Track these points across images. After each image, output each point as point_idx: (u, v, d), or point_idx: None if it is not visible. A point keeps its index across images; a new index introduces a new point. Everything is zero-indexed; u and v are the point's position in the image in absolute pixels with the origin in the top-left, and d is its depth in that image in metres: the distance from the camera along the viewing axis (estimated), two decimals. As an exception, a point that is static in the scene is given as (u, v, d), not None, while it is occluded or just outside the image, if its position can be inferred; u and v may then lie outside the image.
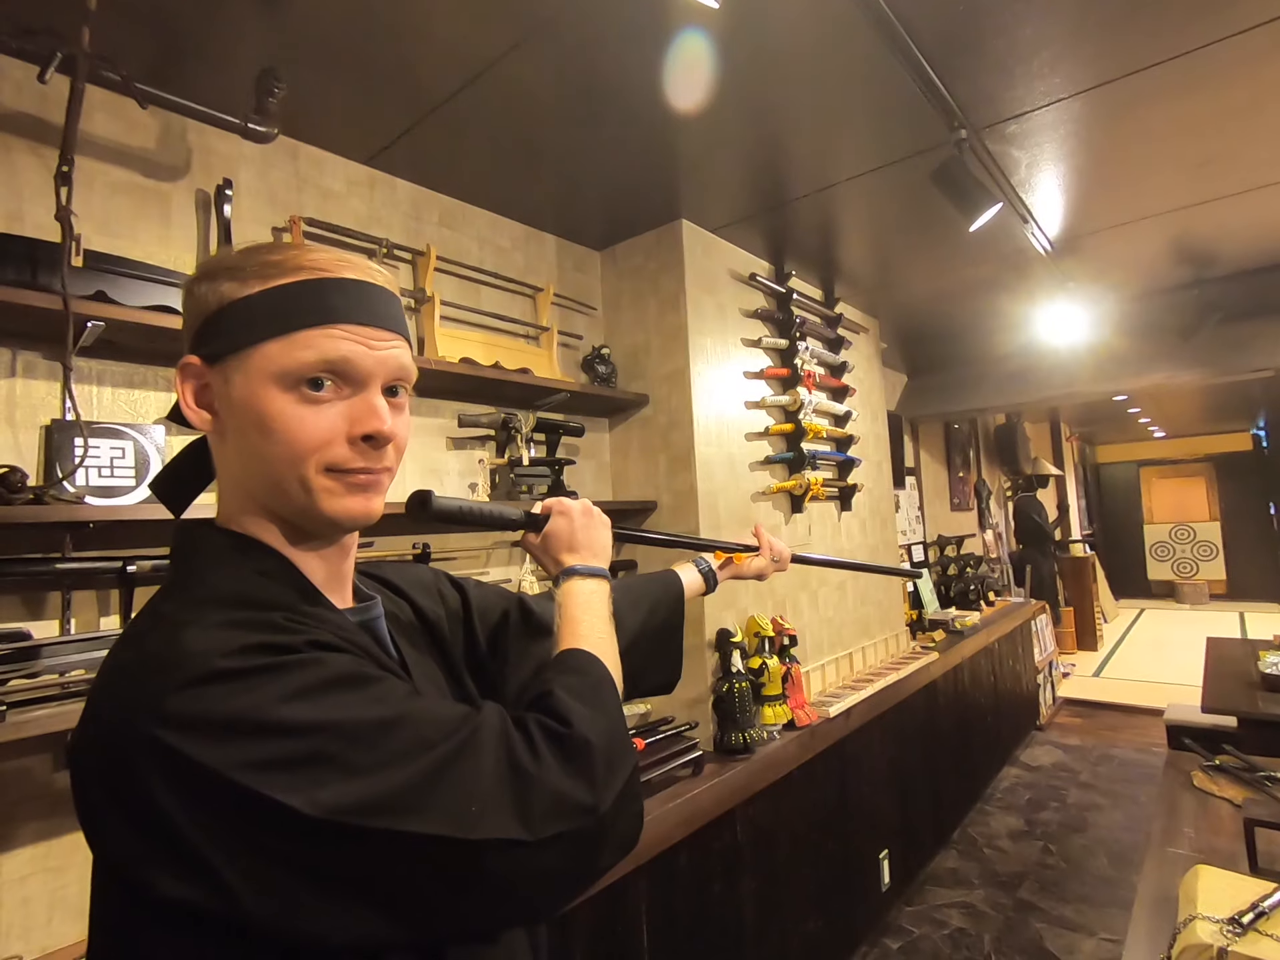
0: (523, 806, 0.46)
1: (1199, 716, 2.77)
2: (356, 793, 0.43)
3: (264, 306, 0.53)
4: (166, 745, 0.42)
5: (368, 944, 0.45)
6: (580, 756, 0.51)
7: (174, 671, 0.44)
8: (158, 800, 0.41)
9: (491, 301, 2.12)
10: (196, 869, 0.41)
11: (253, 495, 0.56)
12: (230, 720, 0.43)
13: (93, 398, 1.34)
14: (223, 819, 0.42)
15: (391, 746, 0.45)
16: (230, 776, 0.41)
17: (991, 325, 3.78)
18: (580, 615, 0.68)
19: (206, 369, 0.55)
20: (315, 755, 0.43)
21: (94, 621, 1.30)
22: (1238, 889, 1.20)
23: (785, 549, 1.16)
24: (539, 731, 0.51)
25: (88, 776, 0.45)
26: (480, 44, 1.42)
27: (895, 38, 1.44)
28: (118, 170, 1.42)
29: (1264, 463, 9.26)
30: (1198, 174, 2.17)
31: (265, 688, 0.44)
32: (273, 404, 0.53)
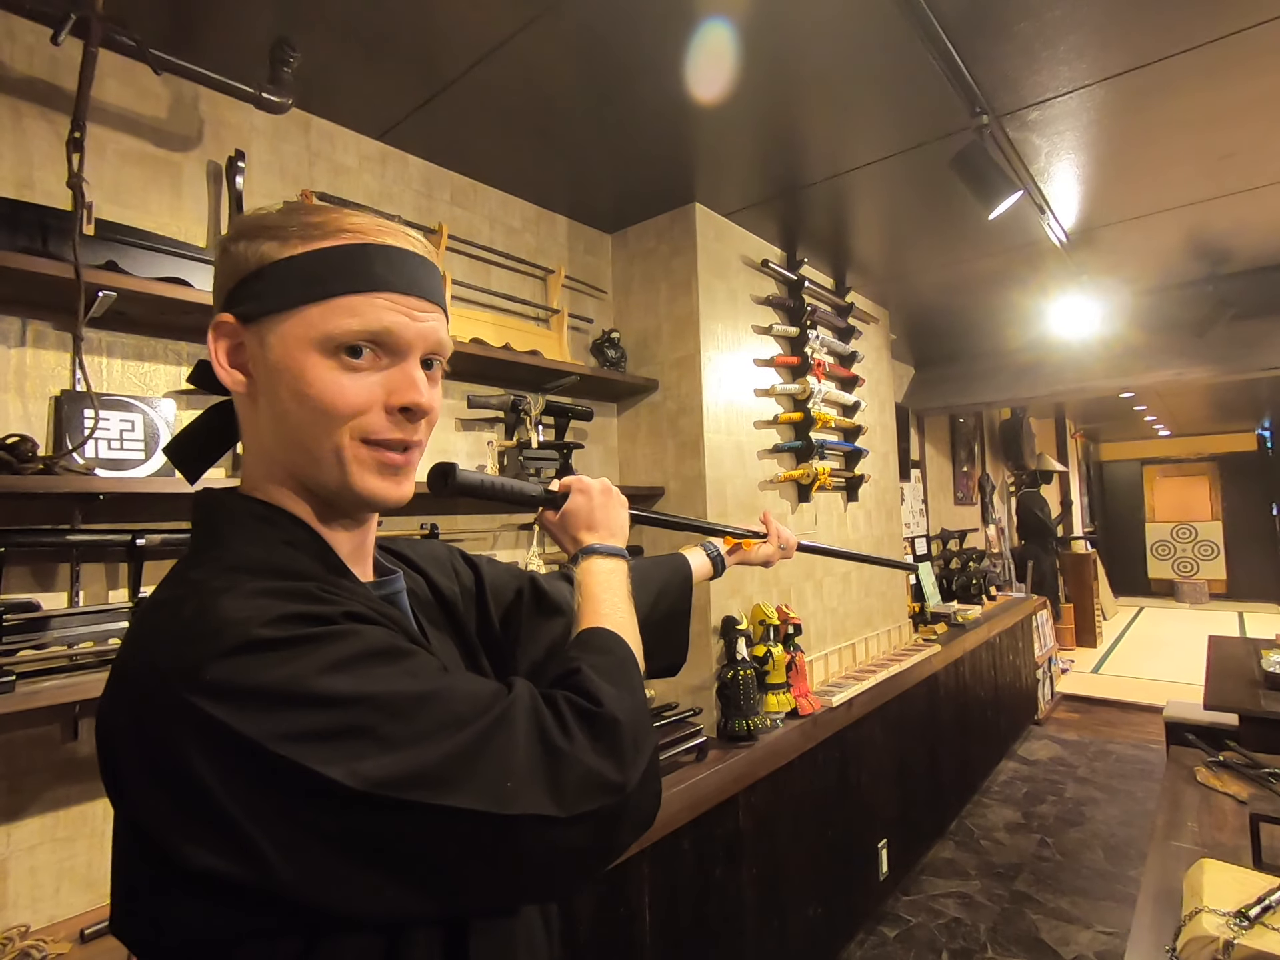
0: (556, 784, 0.46)
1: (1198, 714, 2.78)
2: (395, 766, 0.42)
3: (306, 269, 0.52)
4: (205, 714, 0.41)
5: (396, 917, 0.45)
6: (610, 735, 0.51)
7: (212, 639, 0.43)
8: (193, 769, 0.41)
9: (502, 282, 2.10)
10: (230, 839, 0.41)
11: (282, 464, 0.55)
12: (270, 690, 0.42)
13: (103, 369, 1.33)
14: (260, 790, 0.41)
15: (428, 720, 0.45)
16: (270, 748, 0.41)
17: (1003, 318, 3.75)
18: (601, 594, 0.68)
19: (241, 328, 0.54)
20: (354, 728, 0.43)
21: (102, 594, 1.29)
22: (1243, 883, 1.20)
23: (792, 537, 1.17)
24: (569, 709, 0.51)
25: (118, 740, 0.45)
26: (495, 20, 1.39)
27: (920, 17, 1.41)
28: (129, 139, 1.40)
29: (1268, 463, 9.24)
30: (1219, 166, 2.14)
31: (304, 658, 0.43)
32: (311, 369, 0.52)
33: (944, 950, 2.41)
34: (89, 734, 1.24)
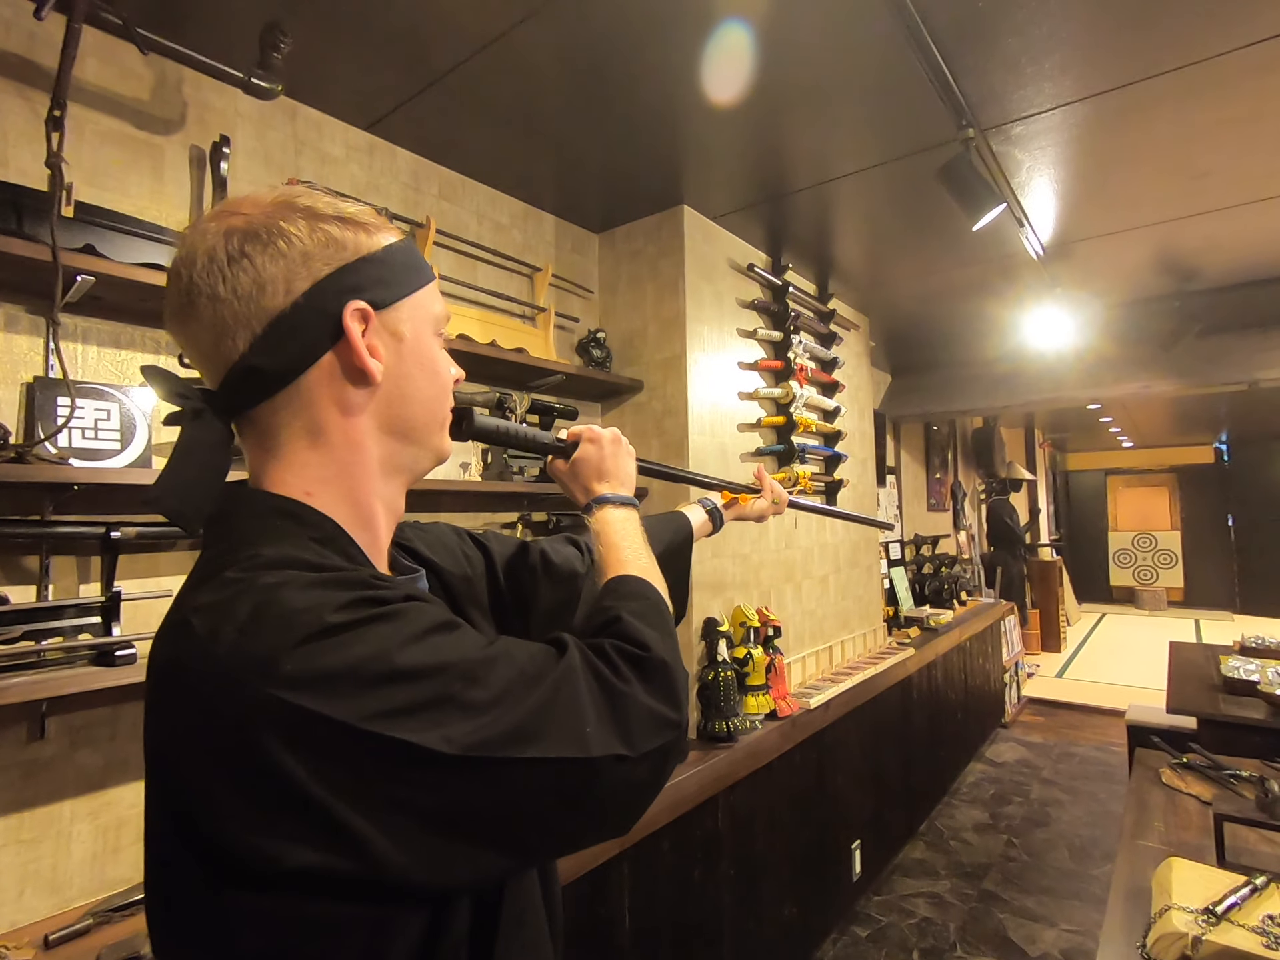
0: (622, 725, 0.49)
1: (1159, 717, 2.86)
2: (485, 728, 0.44)
3: (402, 257, 0.57)
4: (289, 705, 0.40)
5: (488, 879, 0.48)
6: (661, 677, 0.53)
7: (284, 630, 0.42)
8: (281, 764, 0.40)
9: (488, 279, 2.08)
10: (327, 831, 0.40)
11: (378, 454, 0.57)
12: (352, 672, 0.42)
13: (78, 356, 1.29)
14: (355, 773, 0.41)
15: (502, 682, 0.46)
16: (364, 728, 0.41)
17: (979, 328, 3.83)
18: (621, 541, 0.69)
19: (373, 314, 0.55)
20: (438, 698, 0.43)
21: (73, 588, 1.25)
22: (1209, 881, 1.24)
23: (784, 493, 1.23)
24: (619, 656, 0.52)
25: (183, 751, 0.43)
26: (488, 16, 1.38)
27: (914, 31, 1.44)
28: (109, 120, 1.36)
29: (1224, 476, 9.56)
30: (1192, 186, 2.21)
31: (379, 637, 0.44)
32: (435, 349, 0.60)
33: (914, 949, 2.45)
34: (57, 733, 1.20)
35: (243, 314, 0.50)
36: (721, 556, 2.28)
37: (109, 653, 1.17)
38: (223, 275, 0.50)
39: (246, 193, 0.55)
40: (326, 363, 0.53)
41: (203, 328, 0.51)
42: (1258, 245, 2.74)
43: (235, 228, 0.51)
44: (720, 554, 2.28)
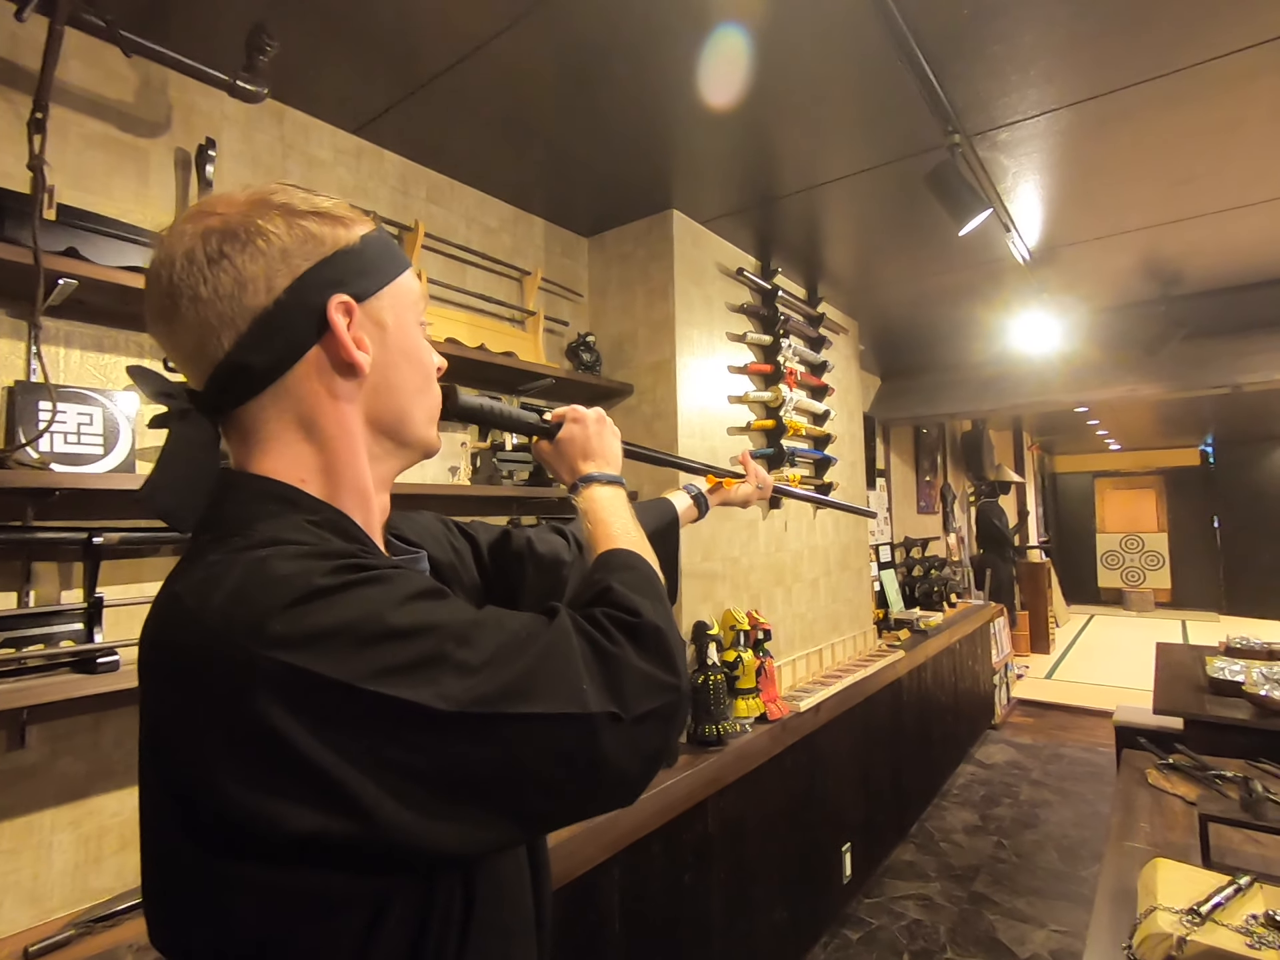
0: (617, 687, 0.48)
1: (1146, 718, 2.88)
2: (479, 685, 0.44)
3: (378, 247, 0.57)
4: (283, 664, 0.40)
5: (495, 844, 0.46)
6: (654, 641, 0.53)
7: (275, 594, 0.42)
8: (278, 726, 0.40)
9: (478, 282, 2.08)
10: (328, 793, 0.40)
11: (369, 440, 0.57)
12: (344, 630, 0.42)
13: (60, 360, 1.28)
14: (354, 733, 0.41)
15: (494, 643, 0.46)
16: (359, 685, 0.41)
17: (967, 332, 3.86)
18: (609, 518, 0.69)
19: (356, 307, 0.55)
20: (432, 656, 0.43)
21: (55, 595, 1.24)
22: (1194, 881, 1.25)
23: (769, 478, 1.22)
24: (610, 623, 0.52)
25: (183, 726, 0.43)
26: (477, 19, 1.38)
27: (900, 38, 1.45)
28: (93, 122, 1.35)
29: (1210, 478, 9.66)
30: (1176, 192, 2.24)
31: (369, 599, 0.44)
32: (419, 337, 0.60)
33: (905, 952, 2.45)
34: (38, 741, 1.18)
35: (226, 313, 0.50)
36: (711, 560, 2.28)
37: (91, 660, 1.15)
38: (203, 276, 0.50)
39: (222, 192, 0.54)
40: (313, 357, 0.53)
41: (186, 329, 0.51)
42: (1239, 250, 2.77)
43: (213, 228, 0.51)
44: (710, 557, 2.28)
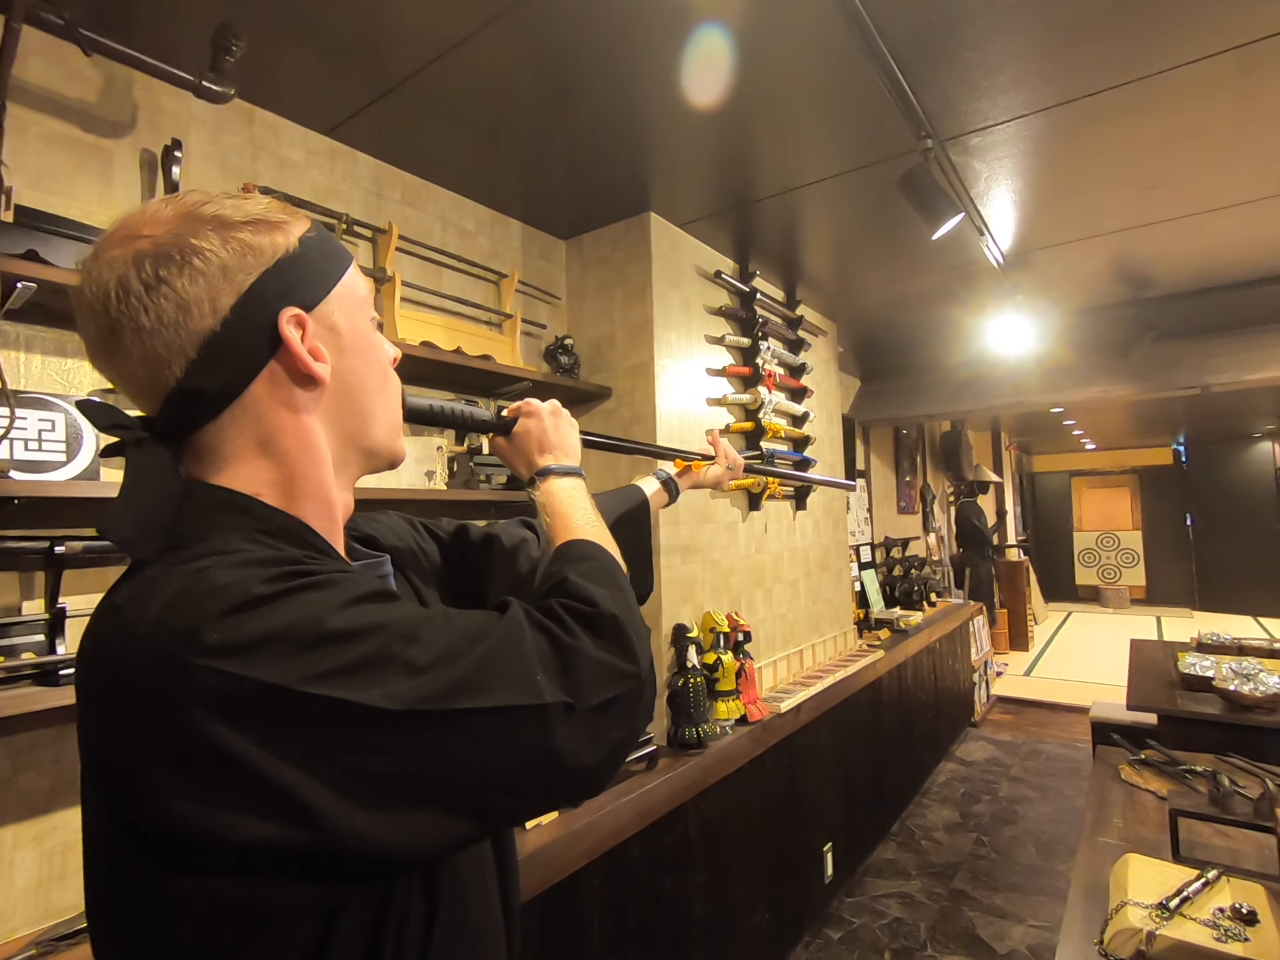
0: (572, 677, 0.48)
1: (1121, 714, 2.92)
2: (427, 683, 0.43)
3: (318, 249, 0.55)
4: (221, 673, 0.39)
5: (448, 847, 0.46)
6: (611, 630, 0.52)
7: (212, 603, 0.41)
8: (219, 737, 0.39)
9: (454, 285, 2.07)
10: (275, 800, 0.39)
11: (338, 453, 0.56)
12: (284, 635, 0.41)
13: (20, 365, 1.25)
14: (299, 737, 0.40)
15: (443, 641, 0.45)
16: (301, 690, 0.40)
17: (944, 334, 3.90)
18: (568, 510, 0.68)
19: (306, 317, 0.53)
20: (377, 656, 0.42)
21: (15, 605, 1.21)
22: (1164, 876, 1.27)
23: (739, 458, 1.19)
24: (566, 614, 0.51)
25: (121, 741, 0.41)
26: (451, 20, 1.37)
27: (871, 44, 1.46)
28: (54, 122, 1.32)
29: (1183, 476, 9.85)
30: (1144, 197, 2.28)
31: (309, 603, 0.43)
32: (374, 336, 0.59)
33: (886, 950, 2.47)
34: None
35: (173, 341, 0.48)
36: (691, 563, 2.28)
37: (53, 672, 1.13)
38: (143, 306, 0.47)
39: (142, 208, 0.50)
40: (269, 373, 0.52)
41: (133, 361, 0.49)
42: (1206, 254, 2.83)
43: (144, 252, 0.48)
44: (690, 560, 2.28)
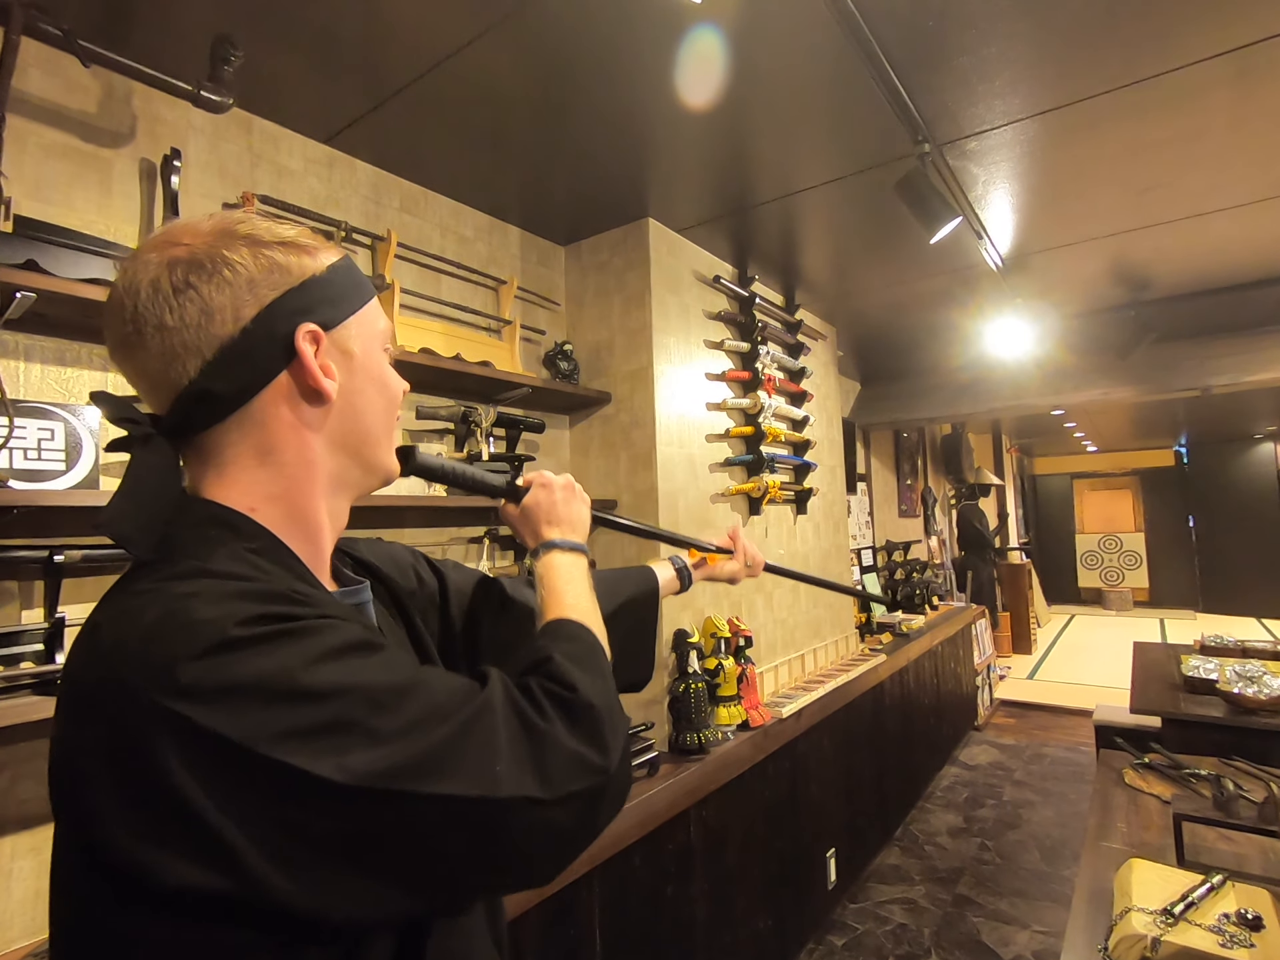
0: (540, 767, 0.47)
1: (1125, 717, 2.91)
2: (385, 758, 0.42)
3: (345, 276, 0.58)
4: (184, 719, 0.39)
5: (385, 917, 0.45)
6: (587, 719, 0.51)
7: (186, 640, 0.41)
8: (174, 780, 0.39)
9: (453, 292, 2.07)
10: (216, 850, 0.39)
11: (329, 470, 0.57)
12: (251, 687, 0.41)
13: (19, 374, 1.25)
14: (248, 794, 0.40)
15: (412, 712, 0.45)
16: (255, 749, 0.40)
17: (944, 338, 3.90)
18: (564, 586, 0.68)
19: (323, 335, 0.55)
20: (339, 722, 0.42)
21: (15, 615, 1.21)
22: (1168, 881, 1.26)
23: (759, 555, 1.15)
24: (544, 696, 0.51)
25: (81, 761, 0.42)
26: (448, 28, 1.38)
27: (868, 49, 1.46)
28: (53, 132, 1.32)
29: (1185, 478, 9.83)
30: (1140, 200, 2.28)
31: (284, 652, 0.43)
32: (385, 364, 0.61)
33: (890, 956, 2.45)
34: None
35: (192, 342, 0.51)
36: (691, 567, 2.28)
37: (52, 681, 1.13)
38: (169, 305, 0.50)
39: (185, 220, 0.54)
40: (280, 384, 0.54)
41: (151, 356, 0.51)
42: (1203, 256, 2.83)
43: (178, 258, 0.51)
44: (690, 565, 2.27)
